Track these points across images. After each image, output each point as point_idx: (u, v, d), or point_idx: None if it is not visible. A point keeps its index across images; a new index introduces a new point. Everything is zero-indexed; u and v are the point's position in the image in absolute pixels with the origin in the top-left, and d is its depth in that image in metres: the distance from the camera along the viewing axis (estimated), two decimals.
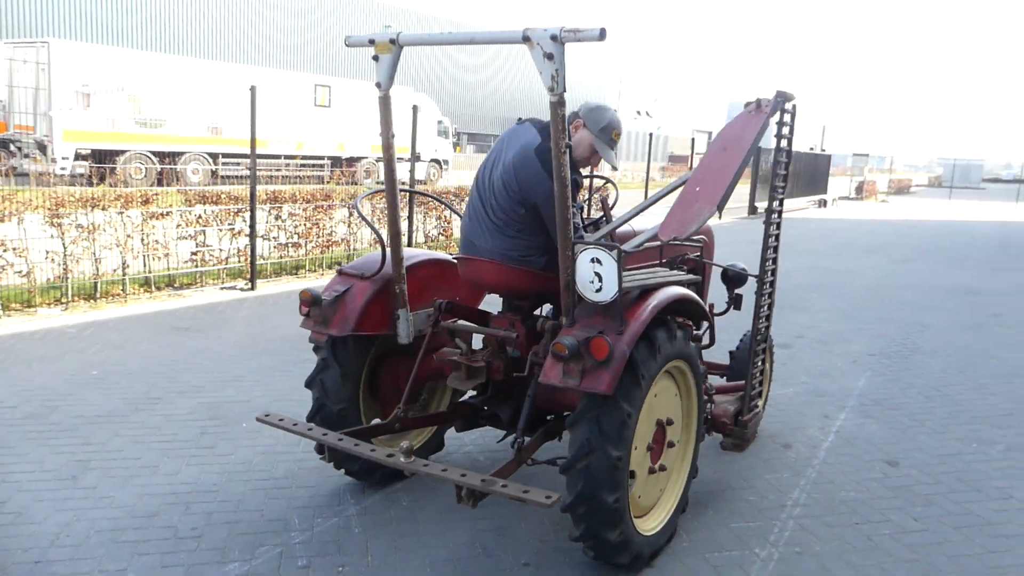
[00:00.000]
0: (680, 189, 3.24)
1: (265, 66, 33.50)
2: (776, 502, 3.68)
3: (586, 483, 2.74)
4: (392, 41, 3.04)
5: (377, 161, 28.12)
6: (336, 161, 26.65)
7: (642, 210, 3.64)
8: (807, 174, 27.51)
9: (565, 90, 2.69)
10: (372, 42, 3.08)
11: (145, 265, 8.20)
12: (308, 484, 3.75)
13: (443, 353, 3.39)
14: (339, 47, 40.28)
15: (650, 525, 3.09)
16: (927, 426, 4.78)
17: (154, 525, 3.30)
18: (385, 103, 3.19)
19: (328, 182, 23.38)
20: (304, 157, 24.64)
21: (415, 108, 11.39)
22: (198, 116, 22.59)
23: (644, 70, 68.62)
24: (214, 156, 23.38)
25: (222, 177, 22.77)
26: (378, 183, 13.96)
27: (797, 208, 25.77)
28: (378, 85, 3.14)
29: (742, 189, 23.46)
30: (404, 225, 10.41)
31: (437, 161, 30.68)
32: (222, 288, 8.44)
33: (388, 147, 3.26)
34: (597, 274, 2.74)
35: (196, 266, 8.53)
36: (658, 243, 2.96)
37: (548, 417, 3.42)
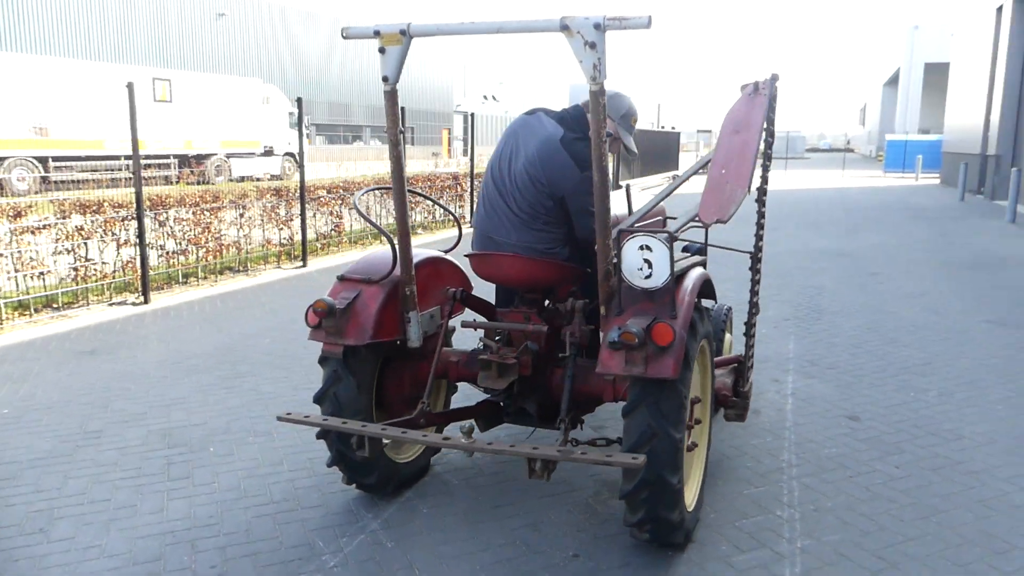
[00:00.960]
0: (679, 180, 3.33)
1: (94, 59, 30.72)
2: (773, 465, 3.89)
3: (649, 467, 2.77)
4: (403, 32, 2.89)
5: (229, 157, 26.63)
6: (184, 160, 24.97)
7: (667, 195, 3.69)
8: (659, 152, 28.95)
9: (606, 78, 2.68)
10: (378, 34, 2.91)
11: (18, 286, 7.35)
12: (313, 504, 3.54)
13: (460, 353, 3.32)
14: (176, 37, 37.37)
15: (688, 501, 3.18)
16: (865, 380, 5.21)
17: (166, 570, 3.00)
18: (392, 98, 3.03)
19: (177, 182, 21.90)
20: (147, 157, 22.86)
21: (266, 99, 10.89)
22: (19, 116, 20.41)
23: (490, 54, 69.12)
24: (42, 160, 21.24)
25: (55, 183, 20.77)
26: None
27: (654, 185, 27.01)
28: (385, 79, 2.98)
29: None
30: (301, 223, 9.97)
31: (292, 155, 29.54)
32: (111, 305, 7.71)
33: (396, 143, 3.11)
34: (647, 261, 2.76)
35: (77, 283, 7.75)
36: (702, 226, 3.02)
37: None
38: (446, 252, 3.80)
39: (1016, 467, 3.85)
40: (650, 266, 2.76)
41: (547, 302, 3.48)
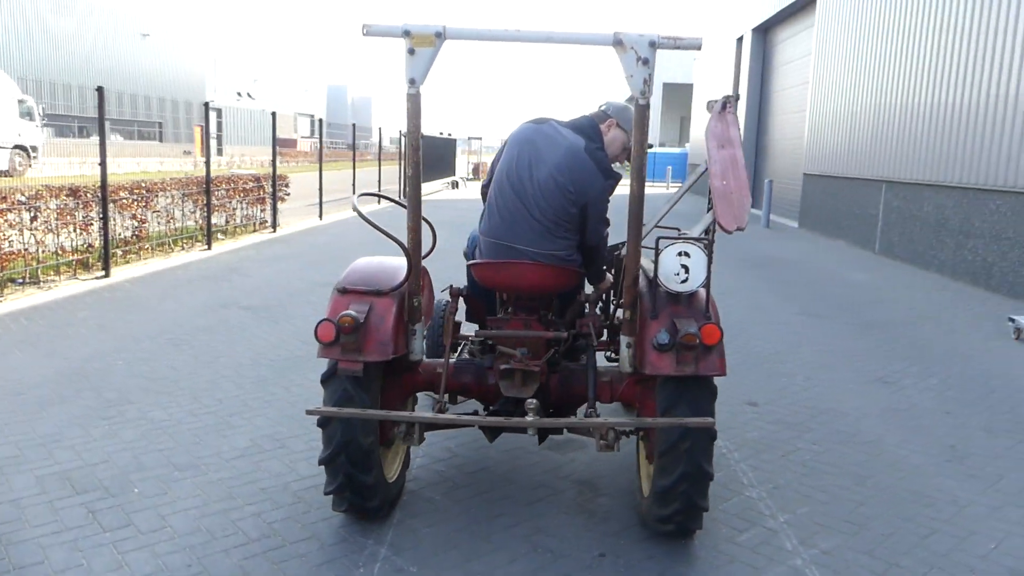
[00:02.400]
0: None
1: None
2: (715, 452, 4.25)
3: (690, 460, 2.93)
4: (438, 35, 2.78)
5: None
6: None
7: (675, 204, 3.86)
8: (437, 157, 29.35)
9: (652, 94, 2.81)
10: (407, 34, 2.78)
11: None
12: (301, 537, 3.24)
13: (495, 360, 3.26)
14: None
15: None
16: (738, 371, 5.82)
17: None
18: (416, 100, 2.90)
19: None
20: None
21: None
22: None
23: (243, 50, 65.21)
24: None
25: None
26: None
27: (433, 191, 27.35)
28: (412, 81, 2.85)
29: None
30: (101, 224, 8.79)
31: (23, 148, 25.73)
32: None
33: (417, 148, 2.97)
34: (684, 266, 2.92)
35: None
36: (725, 233, 3.21)
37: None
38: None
39: (897, 434, 4.58)
40: (687, 271, 2.92)
41: (543, 309, 3.50)
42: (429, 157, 26.55)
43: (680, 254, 2.91)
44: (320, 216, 16.38)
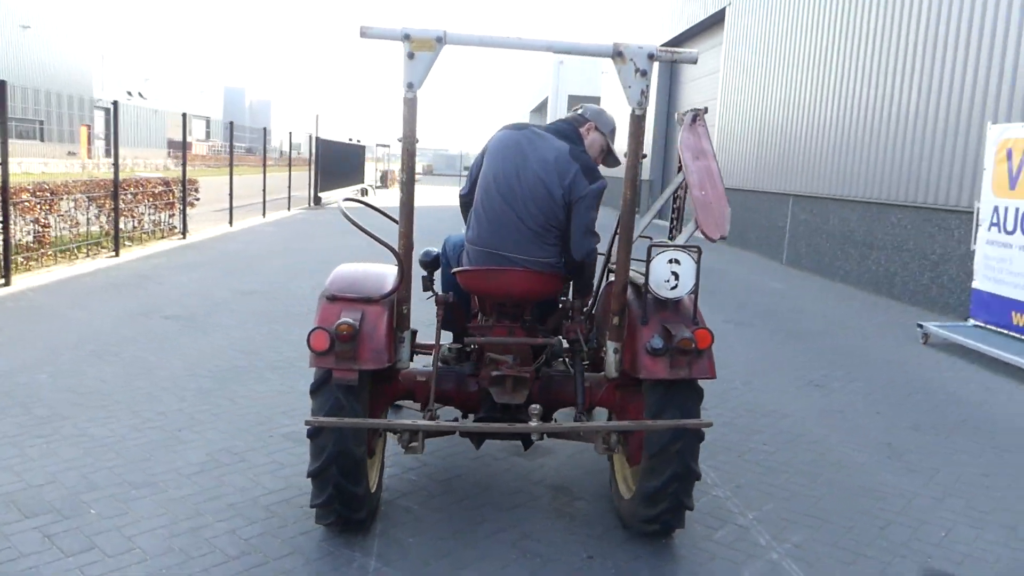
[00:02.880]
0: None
1: None
2: None
3: (680, 461, 3.03)
4: (439, 40, 2.78)
5: None
6: None
7: (655, 215, 3.94)
8: (347, 163, 28.86)
9: (648, 104, 2.89)
10: (407, 38, 2.76)
11: None
12: (283, 553, 3.13)
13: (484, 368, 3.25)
14: None
15: None
16: None
17: None
18: (413, 105, 2.88)
19: None
20: None
21: None
22: None
23: (133, 46, 62.02)
24: None
25: None
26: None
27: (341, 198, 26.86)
28: (410, 86, 2.83)
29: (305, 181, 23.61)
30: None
31: None
32: None
33: (412, 154, 2.95)
34: (674, 273, 3.02)
35: None
36: (712, 242, 3.31)
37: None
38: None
39: (837, 434, 4.85)
40: (676, 278, 3.02)
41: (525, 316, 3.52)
42: (339, 163, 26.06)
43: (671, 261, 3.00)
44: (230, 222, 15.80)
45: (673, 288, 3.03)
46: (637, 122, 2.91)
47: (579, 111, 3.58)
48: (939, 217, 8.92)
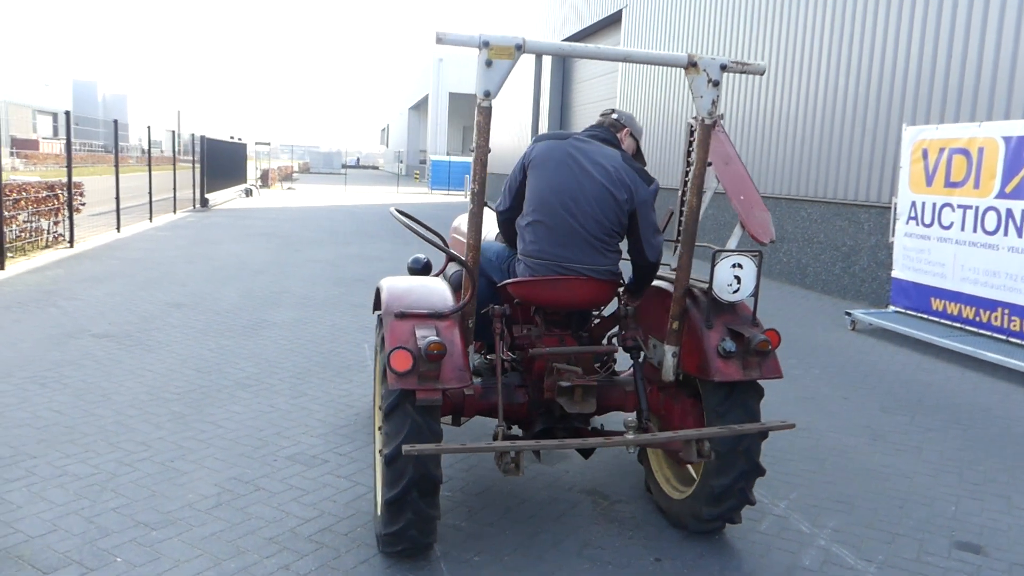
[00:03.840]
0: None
1: None
2: None
3: (748, 459, 3.12)
4: (518, 47, 2.72)
5: None
6: None
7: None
8: (229, 163, 27.53)
9: (717, 114, 2.96)
10: (486, 45, 2.69)
11: None
12: None
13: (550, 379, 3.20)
14: None
15: None
16: None
17: None
18: (488, 114, 2.80)
19: None
20: None
21: None
22: None
23: None
24: None
25: None
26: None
27: (227, 200, 25.63)
28: (487, 94, 2.76)
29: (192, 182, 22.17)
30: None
31: None
32: None
33: (485, 164, 2.86)
34: (736, 277, 3.10)
35: None
36: (760, 248, 3.39)
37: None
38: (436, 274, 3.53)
39: (820, 420, 5.13)
40: (739, 281, 3.11)
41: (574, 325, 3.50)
42: (221, 162, 24.80)
43: (734, 265, 3.09)
44: (118, 228, 14.69)
45: (735, 292, 3.11)
46: (706, 130, 2.97)
47: (614, 116, 3.59)
48: (849, 211, 9.60)
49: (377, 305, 3.51)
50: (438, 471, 2.88)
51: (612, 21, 18.29)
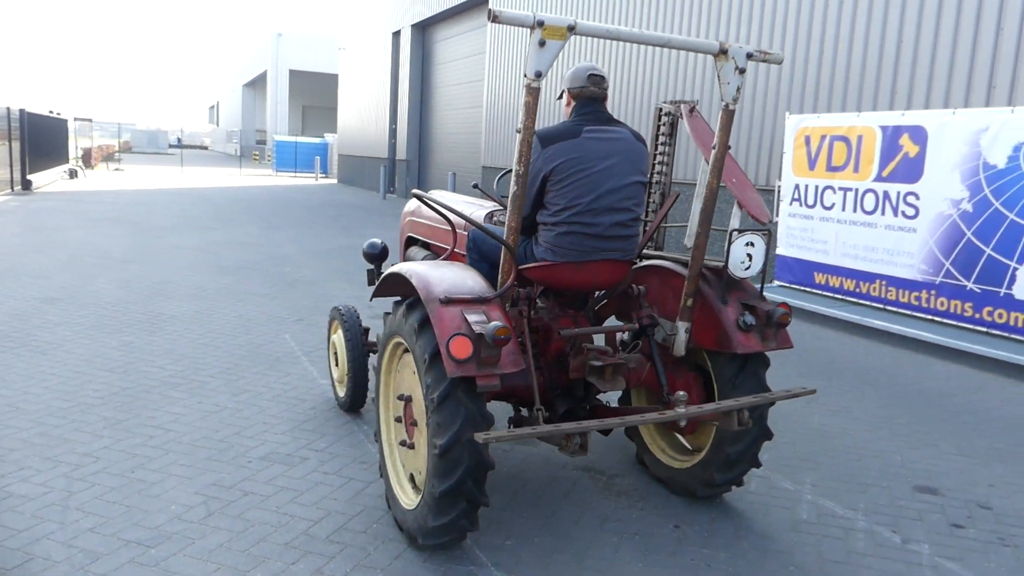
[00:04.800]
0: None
1: None
2: None
3: (759, 424, 3.32)
4: (570, 28, 2.71)
5: None
6: None
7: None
8: (50, 140, 24.83)
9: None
10: (540, 24, 2.66)
11: None
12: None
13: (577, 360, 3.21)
14: None
15: None
16: None
17: None
18: (537, 95, 2.77)
19: None
20: None
21: None
22: None
23: None
24: None
25: None
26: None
27: (50, 181, 23.13)
28: (538, 74, 2.72)
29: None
30: None
31: None
32: None
33: (531, 146, 2.83)
34: (749, 255, 3.27)
35: None
36: (762, 224, 3.52)
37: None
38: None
39: None
40: (750, 259, 3.28)
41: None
42: (42, 140, 22.30)
43: (747, 244, 3.25)
44: None
45: (747, 268, 3.28)
46: (730, 116, 3.10)
47: (605, 86, 3.43)
48: (727, 193, 10.24)
49: (384, 291, 3.37)
50: (490, 457, 2.83)
51: (476, 4, 18.27)
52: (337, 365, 4.70)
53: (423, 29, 22.05)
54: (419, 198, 3.33)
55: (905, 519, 3.55)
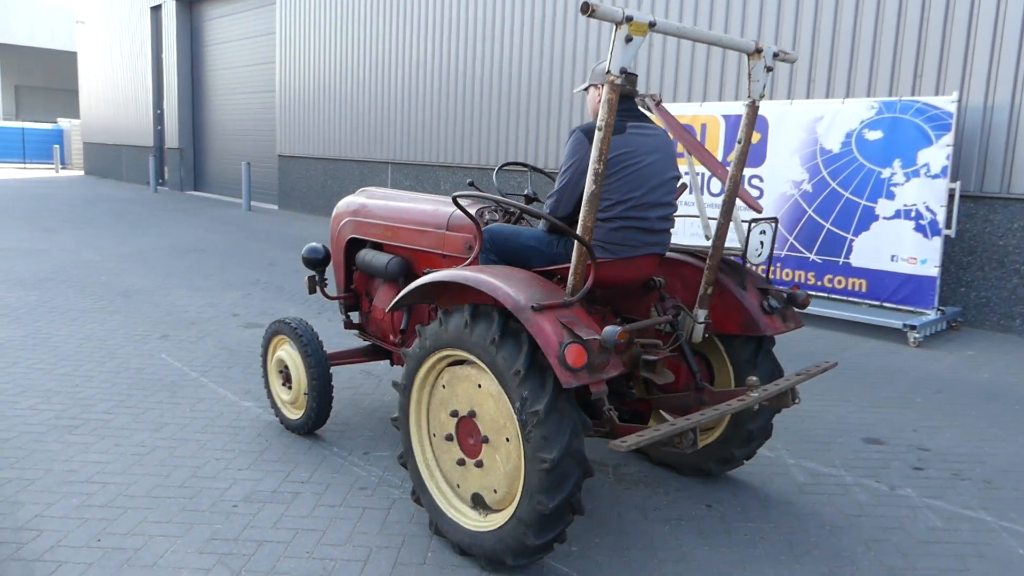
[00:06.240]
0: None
1: None
2: None
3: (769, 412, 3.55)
4: (651, 25, 2.69)
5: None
6: None
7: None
8: None
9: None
10: (629, 20, 2.62)
11: None
12: None
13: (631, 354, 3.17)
14: None
15: None
16: None
17: None
18: (619, 91, 2.70)
19: None
20: None
21: None
22: None
23: None
24: None
25: None
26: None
27: None
28: (623, 71, 2.66)
29: None
30: None
31: None
32: None
33: (609, 141, 2.74)
34: (761, 243, 3.46)
35: None
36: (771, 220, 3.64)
37: None
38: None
39: None
40: (763, 246, 3.48)
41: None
42: None
43: (761, 232, 3.44)
44: None
45: (759, 255, 3.48)
46: (756, 111, 3.24)
47: (629, 84, 3.40)
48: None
49: (409, 300, 3.14)
50: (591, 464, 2.75)
51: None
52: (285, 385, 4.22)
53: (189, 5, 20.06)
54: (488, 185, 3.12)
55: (876, 469, 4.01)
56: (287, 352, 4.15)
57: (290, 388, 4.18)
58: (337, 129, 14.79)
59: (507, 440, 2.80)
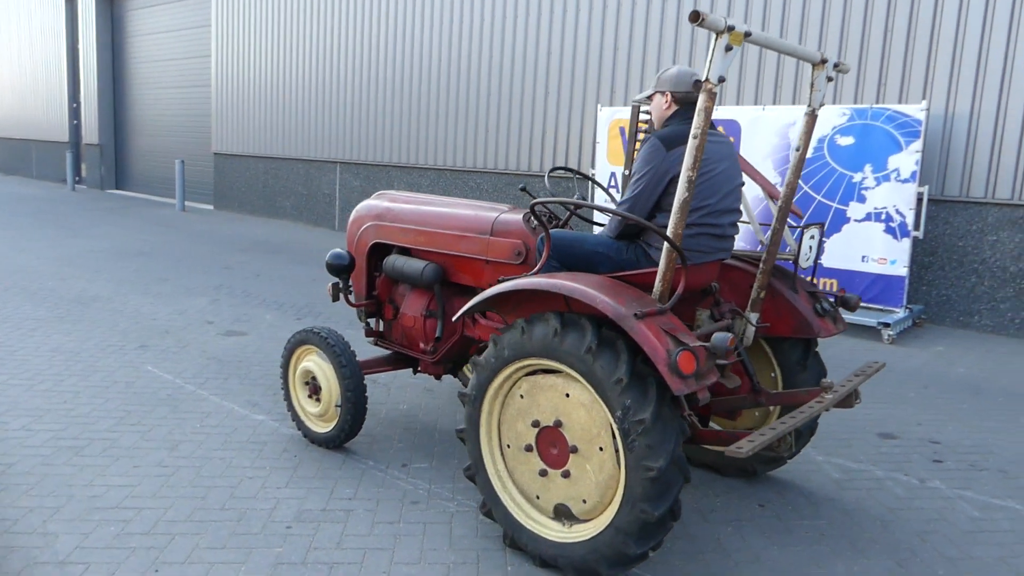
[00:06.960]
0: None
1: None
2: None
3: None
4: (747, 35, 2.71)
5: None
6: None
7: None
8: None
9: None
10: (731, 29, 2.64)
11: None
12: None
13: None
14: None
15: None
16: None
17: None
18: (715, 98, 2.71)
19: None
20: None
21: None
22: None
23: None
24: None
25: None
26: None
27: None
28: (722, 80, 2.68)
29: None
30: None
31: None
32: None
33: (700, 145, 2.74)
34: (810, 247, 3.55)
35: None
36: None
37: None
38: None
39: None
40: (811, 250, 3.56)
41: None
42: None
43: (811, 237, 3.52)
44: None
45: (807, 260, 3.56)
46: (815, 120, 3.32)
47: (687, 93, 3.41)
48: (552, 183, 10.61)
49: (482, 308, 3.07)
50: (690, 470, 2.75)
51: None
52: (312, 397, 4.05)
53: None
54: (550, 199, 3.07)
55: (900, 463, 4.17)
56: (315, 363, 3.98)
57: (318, 400, 4.02)
58: (280, 127, 14.31)
59: (600, 449, 2.77)
